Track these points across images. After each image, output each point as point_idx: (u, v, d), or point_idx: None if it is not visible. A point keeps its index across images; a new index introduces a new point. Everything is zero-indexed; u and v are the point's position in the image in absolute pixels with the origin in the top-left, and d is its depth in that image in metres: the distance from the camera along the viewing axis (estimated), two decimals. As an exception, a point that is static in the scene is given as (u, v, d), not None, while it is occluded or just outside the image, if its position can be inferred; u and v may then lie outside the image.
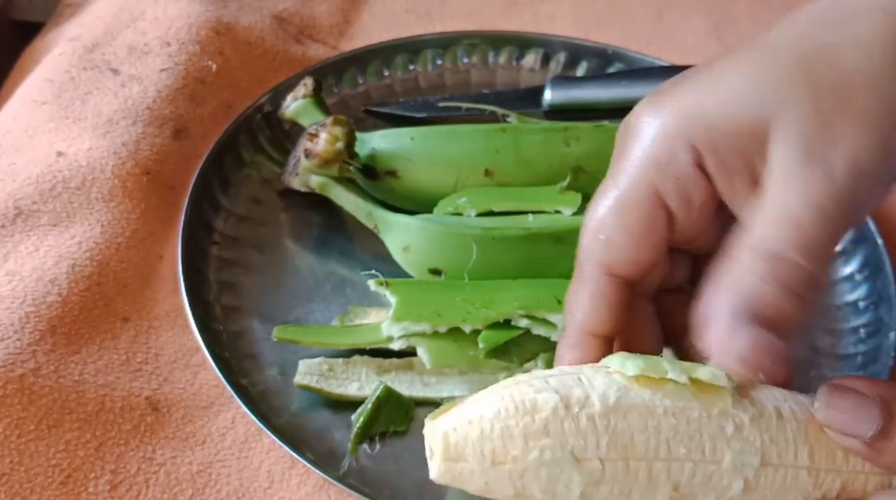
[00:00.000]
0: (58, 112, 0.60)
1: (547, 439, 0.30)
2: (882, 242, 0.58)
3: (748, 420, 0.32)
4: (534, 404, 0.30)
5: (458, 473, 0.31)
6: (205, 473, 0.47)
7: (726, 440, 0.31)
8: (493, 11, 0.79)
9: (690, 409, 0.32)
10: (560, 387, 0.31)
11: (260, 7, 0.73)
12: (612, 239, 0.36)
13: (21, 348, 0.48)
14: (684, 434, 0.31)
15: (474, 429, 0.30)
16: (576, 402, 0.31)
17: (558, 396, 0.31)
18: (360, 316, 0.54)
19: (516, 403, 0.30)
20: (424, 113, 0.67)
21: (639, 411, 0.31)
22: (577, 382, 0.32)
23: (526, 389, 0.31)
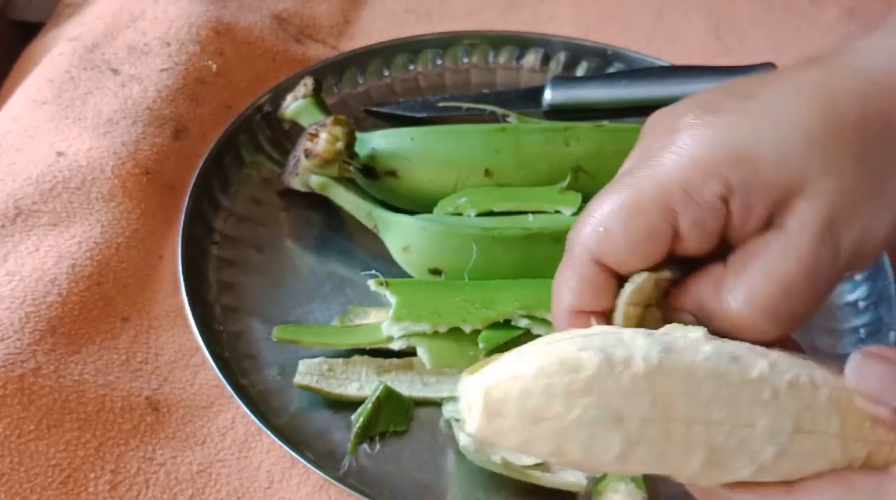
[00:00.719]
0: (58, 112, 0.60)
1: (590, 397, 0.30)
2: (882, 242, 0.58)
3: (785, 387, 0.32)
4: (577, 362, 0.30)
5: (497, 429, 0.30)
6: (205, 473, 0.47)
7: (763, 405, 0.32)
8: (493, 11, 0.79)
9: (730, 373, 0.31)
10: (603, 346, 0.31)
11: (260, 7, 0.73)
12: (611, 236, 0.35)
13: (21, 348, 0.48)
14: (723, 398, 0.31)
15: (516, 385, 0.30)
16: (619, 361, 0.30)
17: (602, 354, 0.30)
18: (360, 316, 0.54)
19: (560, 360, 0.30)
20: (424, 113, 0.67)
21: (681, 373, 0.31)
22: (620, 341, 0.31)
23: (568, 346, 0.31)
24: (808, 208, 0.34)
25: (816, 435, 0.32)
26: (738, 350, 0.33)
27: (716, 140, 0.34)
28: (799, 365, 0.33)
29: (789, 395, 0.32)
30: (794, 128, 0.34)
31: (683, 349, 0.32)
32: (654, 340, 0.32)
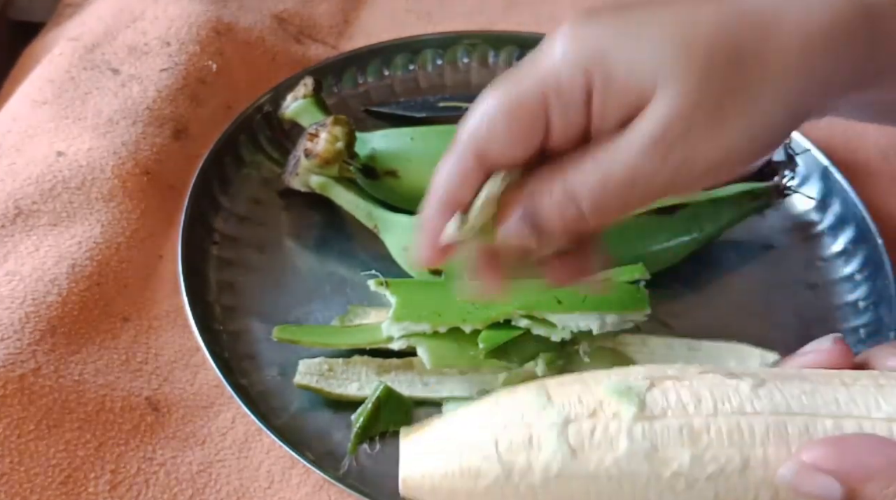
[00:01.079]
0: (58, 112, 0.60)
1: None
2: (882, 242, 0.58)
3: (704, 478, 0.32)
4: (478, 472, 0.33)
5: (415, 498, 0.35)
6: (205, 473, 0.47)
7: (674, 495, 0.32)
8: (493, 11, 0.79)
9: (639, 473, 0.32)
10: (506, 451, 0.33)
11: (260, 7, 0.73)
12: (495, 127, 0.38)
13: (21, 348, 0.48)
14: (627, 496, 0.32)
15: (426, 482, 0.34)
16: (517, 472, 0.33)
17: (500, 467, 0.33)
18: (360, 316, 0.54)
19: (462, 468, 0.33)
20: (424, 113, 0.67)
21: (580, 480, 0.32)
22: (526, 445, 0.33)
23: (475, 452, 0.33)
24: (645, 120, 0.36)
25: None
26: (664, 438, 0.32)
27: (585, 41, 0.37)
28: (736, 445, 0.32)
29: (707, 485, 0.32)
30: (650, 40, 0.36)
31: (593, 449, 0.32)
32: (561, 442, 0.32)
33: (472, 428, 0.34)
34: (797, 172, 0.62)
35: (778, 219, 0.62)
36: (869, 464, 0.31)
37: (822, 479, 0.32)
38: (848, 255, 0.60)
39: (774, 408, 0.33)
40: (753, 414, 0.33)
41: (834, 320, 0.57)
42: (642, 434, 0.32)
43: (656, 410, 0.32)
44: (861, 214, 0.60)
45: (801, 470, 0.32)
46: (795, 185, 0.62)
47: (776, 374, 0.35)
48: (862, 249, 0.59)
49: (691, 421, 0.32)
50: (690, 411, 0.33)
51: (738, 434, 0.32)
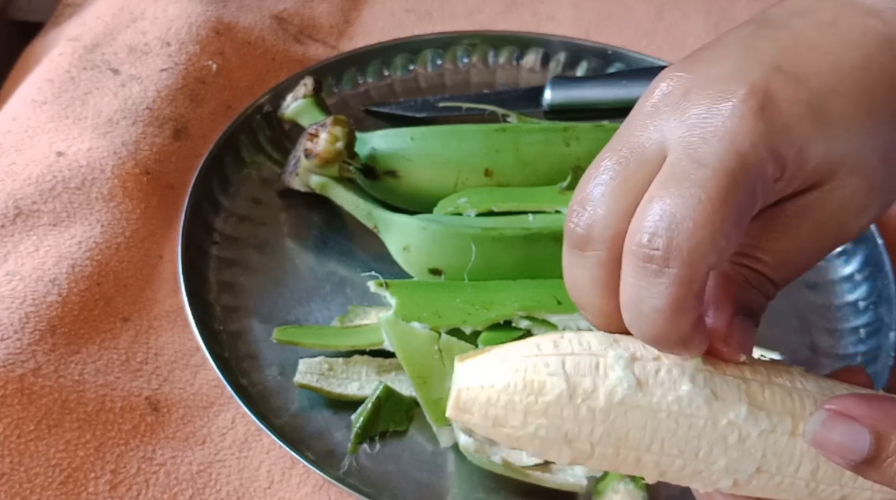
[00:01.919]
0: (58, 112, 0.60)
1: (544, 419, 0.32)
2: (882, 242, 0.58)
3: (755, 434, 0.33)
4: (541, 387, 0.32)
5: (465, 420, 0.34)
6: (205, 473, 0.47)
7: (725, 448, 0.33)
8: (493, 11, 0.79)
9: (698, 416, 0.32)
10: (573, 373, 0.32)
11: (260, 7, 0.73)
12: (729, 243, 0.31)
13: (21, 348, 0.48)
14: (683, 438, 0.32)
15: (483, 394, 0.33)
16: (581, 392, 0.32)
17: (566, 384, 0.32)
18: (359, 316, 0.54)
19: (526, 381, 0.32)
20: (424, 113, 0.67)
21: (642, 411, 0.32)
22: (593, 370, 0.33)
23: (541, 367, 0.33)
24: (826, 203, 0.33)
25: (782, 477, 0.33)
26: (723, 391, 0.33)
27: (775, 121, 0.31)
28: (787, 412, 0.33)
29: (759, 441, 0.33)
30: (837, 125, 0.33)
31: (657, 385, 0.33)
32: (628, 373, 0.33)
33: (539, 350, 0.33)
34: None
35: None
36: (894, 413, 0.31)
37: (851, 426, 0.31)
38: (848, 255, 0.60)
39: (821, 391, 0.34)
40: (803, 391, 0.34)
41: (834, 320, 0.57)
42: (704, 381, 0.33)
43: (716, 369, 0.33)
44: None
45: (828, 419, 0.32)
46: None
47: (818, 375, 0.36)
48: (862, 249, 0.59)
49: (748, 383, 0.33)
50: (748, 376, 0.34)
51: (790, 401, 0.33)
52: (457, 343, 0.49)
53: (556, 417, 0.32)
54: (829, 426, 0.32)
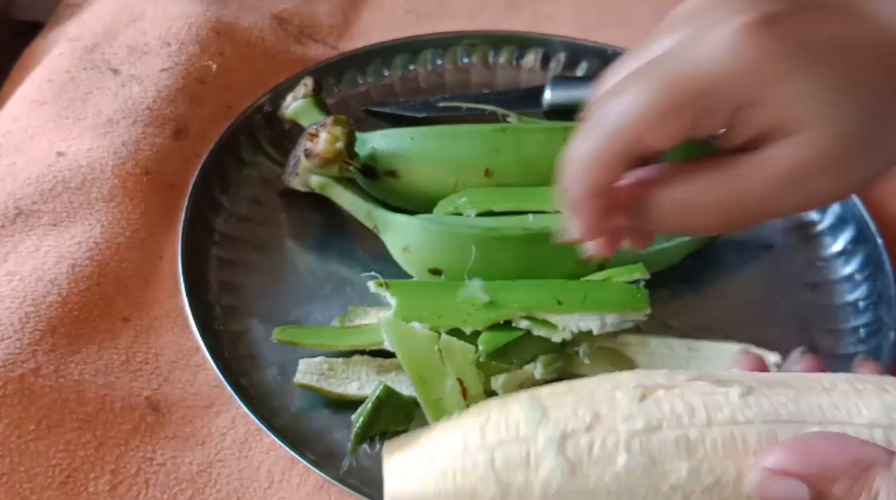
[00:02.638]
0: (58, 112, 0.60)
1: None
2: (882, 242, 0.58)
3: (700, 491, 0.32)
4: (473, 492, 0.32)
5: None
6: (205, 473, 0.47)
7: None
8: (493, 11, 0.79)
9: (637, 488, 0.32)
10: (503, 470, 0.32)
11: (260, 7, 0.73)
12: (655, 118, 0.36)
13: (21, 348, 0.48)
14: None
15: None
16: (515, 491, 0.32)
17: (497, 487, 0.32)
18: (360, 316, 0.54)
19: (457, 488, 0.32)
20: (424, 113, 0.67)
21: (580, 496, 0.32)
22: (524, 462, 0.32)
23: (469, 469, 0.32)
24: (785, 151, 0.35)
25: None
26: (661, 451, 0.32)
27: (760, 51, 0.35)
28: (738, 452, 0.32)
29: (703, 496, 0.32)
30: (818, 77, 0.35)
31: (592, 464, 0.32)
32: (560, 459, 0.32)
33: (465, 445, 0.33)
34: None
35: (778, 219, 0.62)
36: (834, 464, 0.31)
37: (788, 483, 0.31)
38: (848, 255, 0.60)
39: (764, 416, 0.33)
40: (745, 423, 0.33)
41: (834, 320, 0.57)
42: (640, 448, 0.32)
43: (651, 422, 0.32)
44: (861, 214, 0.60)
45: (765, 478, 0.32)
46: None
47: (761, 380, 0.34)
48: (862, 249, 0.59)
49: (687, 433, 0.32)
50: (685, 422, 0.32)
51: (731, 445, 0.32)
52: (457, 343, 0.49)
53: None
54: (768, 485, 0.32)
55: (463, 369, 0.48)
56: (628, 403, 0.33)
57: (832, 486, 0.31)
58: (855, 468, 0.31)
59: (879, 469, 0.31)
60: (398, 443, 0.34)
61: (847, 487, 0.31)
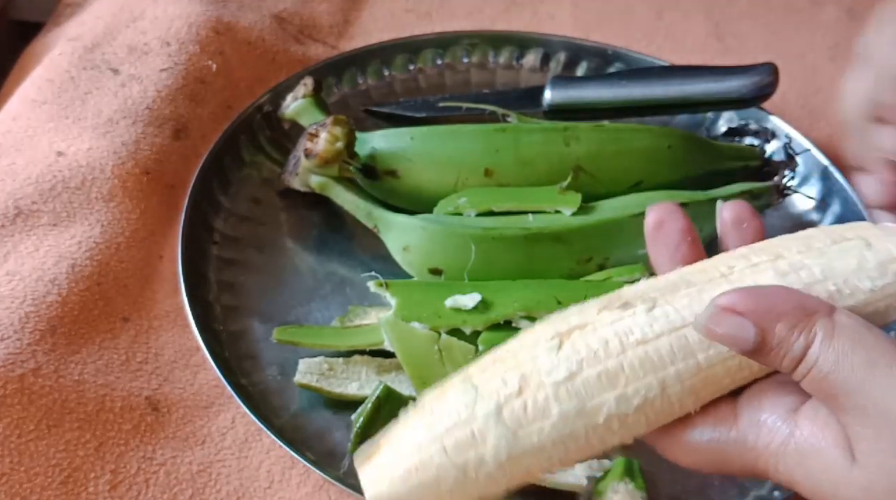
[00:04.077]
0: (58, 112, 0.60)
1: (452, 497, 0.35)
2: (882, 242, 0.58)
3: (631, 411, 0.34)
4: (438, 480, 0.34)
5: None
6: (205, 473, 0.48)
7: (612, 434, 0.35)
8: (493, 11, 0.79)
9: (577, 432, 0.34)
10: (455, 453, 0.34)
11: (260, 7, 0.73)
12: None
13: (21, 348, 0.48)
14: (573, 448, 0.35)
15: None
16: (472, 467, 0.34)
17: (455, 470, 0.34)
18: (359, 316, 0.54)
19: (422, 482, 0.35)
20: (424, 113, 0.67)
21: (530, 454, 0.34)
22: (471, 440, 0.34)
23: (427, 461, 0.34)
24: None
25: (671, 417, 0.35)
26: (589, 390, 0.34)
27: None
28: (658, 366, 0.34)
29: (638, 414, 0.35)
30: None
31: (532, 422, 0.34)
32: (501, 426, 0.34)
33: (418, 442, 0.35)
34: (797, 172, 0.62)
35: (778, 219, 0.62)
36: (780, 307, 0.33)
37: (736, 320, 0.33)
38: (848, 255, 0.59)
39: (672, 326, 0.35)
40: (655, 339, 0.35)
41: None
42: (567, 394, 0.34)
43: (572, 367, 0.34)
44: (861, 214, 0.60)
45: (715, 313, 0.33)
46: (795, 185, 0.62)
47: (662, 286, 0.37)
48: (862, 249, 0.59)
49: (606, 365, 0.34)
50: (602, 356, 0.35)
51: (649, 362, 0.35)
52: (457, 343, 0.49)
53: (462, 493, 0.35)
54: (717, 320, 0.34)
55: None
56: (548, 357, 0.35)
57: (776, 326, 0.33)
58: (799, 311, 0.33)
59: (820, 316, 0.33)
60: (365, 451, 0.37)
61: (789, 327, 0.33)
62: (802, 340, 0.32)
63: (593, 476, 0.47)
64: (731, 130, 0.67)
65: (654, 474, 0.49)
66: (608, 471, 0.48)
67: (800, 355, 0.33)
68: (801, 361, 0.33)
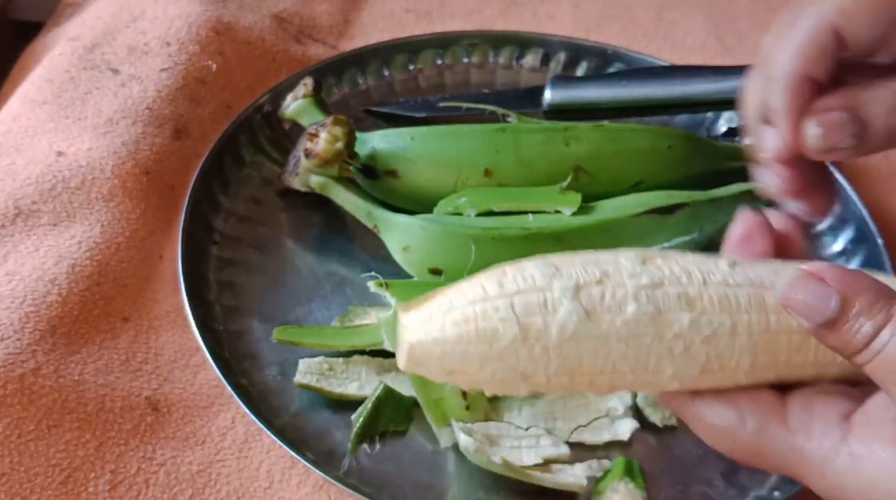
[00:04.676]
0: (58, 112, 0.60)
1: (500, 364, 0.33)
2: (882, 242, 0.58)
3: (699, 341, 0.34)
4: (494, 334, 0.33)
5: (420, 371, 0.34)
6: (205, 473, 0.48)
7: (672, 359, 0.34)
8: (493, 11, 0.79)
9: (645, 335, 0.34)
10: (523, 314, 0.33)
11: (260, 7, 0.73)
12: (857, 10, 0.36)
13: (21, 348, 0.48)
14: (632, 358, 0.34)
15: (437, 348, 0.33)
16: (534, 333, 0.33)
17: (518, 328, 0.33)
18: (360, 316, 0.54)
19: (479, 331, 0.33)
20: (424, 113, 0.67)
21: (593, 340, 0.33)
22: (542, 307, 0.33)
23: (491, 313, 0.33)
24: None
25: (724, 373, 0.35)
26: (667, 303, 0.34)
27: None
28: (729, 310, 0.34)
29: (703, 346, 0.34)
30: None
31: (604, 312, 0.34)
32: (576, 305, 0.33)
33: (485, 293, 0.34)
34: (797, 172, 0.62)
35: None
36: (863, 284, 0.33)
37: (820, 287, 0.33)
38: (848, 255, 0.60)
39: (751, 282, 0.35)
40: (736, 286, 0.35)
41: (834, 320, 0.57)
42: (646, 299, 0.34)
43: (655, 280, 0.34)
44: (861, 214, 0.60)
45: (800, 278, 0.34)
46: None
47: (743, 260, 0.37)
48: (862, 249, 0.59)
49: (686, 290, 0.34)
50: (684, 281, 0.35)
51: (726, 302, 0.35)
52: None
53: (512, 360, 0.33)
54: (799, 285, 0.34)
55: None
56: (632, 265, 0.35)
57: (857, 298, 0.33)
58: (880, 292, 0.33)
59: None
60: (411, 302, 0.35)
61: (870, 302, 0.33)
62: (881, 317, 0.32)
63: (593, 476, 0.47)
64: (731, 130, 0.67)
65: (654, 474, 0.49)
66: (608, 471, 0.48)
67: (872, 334, 0.32)
68: (871, 340, 0.32)
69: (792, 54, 0.37)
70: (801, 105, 0.38)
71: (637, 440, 0.50)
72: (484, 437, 0.47)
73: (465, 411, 0.48)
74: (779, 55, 0.38)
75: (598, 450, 0.50)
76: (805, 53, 0.37)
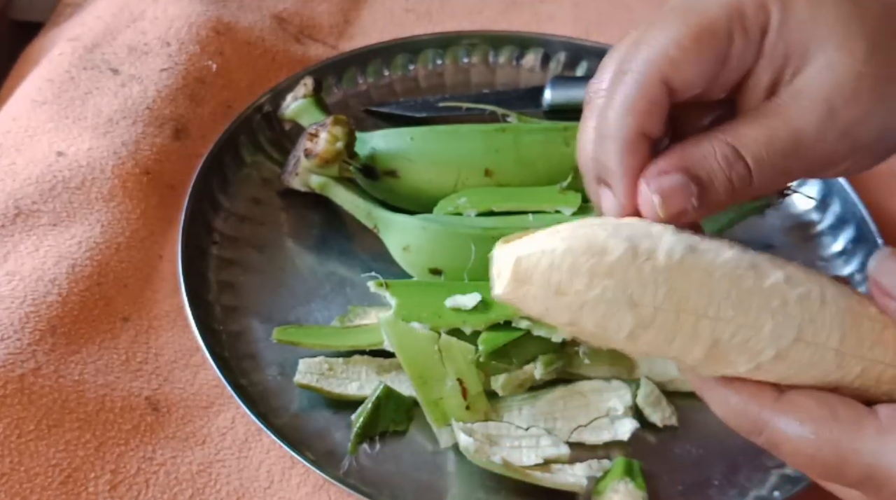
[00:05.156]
0: (58, 112, 0.60)
1: (610, 280, 0.33)
2: (882, 242, 0.58)
3: (794, 299, 0.34)
4: (604, 247, 0.33)
5: (522, 294, 0.33)
6: (205, 473, 0.48)
7: (771, 312, 0.34)
8: (493, 11, 0.79)
9: (746, 278, 0.34)
10: (631, 236, 0.33)
11: (260, 7, 0.73)
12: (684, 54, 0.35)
13: (21, 348, 0.48)
14: (735, 299, 0.33)
15: (545, 259, 0.33)
16: (643, 252, 0.33)
17: (628, 243, 0.33)
18: (359, 316, 0.54)
19: (588, 243, 0.33)
20: (424, 113, 0.67)
21: (700, 271, 0.33)
22: (648, 234, 0.33)
23: (599, 231, 0.33)
24: (812, 78, 0.35)
25: (816, 347, 0.34)
26: (757, 260, 0.34)
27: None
28: (813, 282, 0.35)
29: (797, 306, 0.34)
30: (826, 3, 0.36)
31: (707, 250, 0.34)
32: (680, 238, 0.33)
33: (591, 221, 0.34)
34: (797, 172, 0.62)
35: (778, 219, 0.62)
36: None
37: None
38: (848, 255, 0.60)
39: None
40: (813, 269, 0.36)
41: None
42: (742, 251, 0.34)
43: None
44: (861, 214, 0.60)
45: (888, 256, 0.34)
46: (795, 185, 0.62)
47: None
48: (862, 249, 0.59)
49: (772, 259, 0.35)
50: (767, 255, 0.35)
51: (812, 273, 0.35)
52: (457, 343, 0.49)
53: (622, 277, 0.32)
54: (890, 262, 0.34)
55: (463, 369, 0.48)
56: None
57: None
58: None
59: None
60: (512, 236, 0.35)
61: None
62: None
63: (593, 476, 0.47)
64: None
65: (654, 474, 0.49)
66: (608, 471, 0.48)
67: None
68: None
69: (623, 112, 0.36)
70: (638, 164, 0.36)
71: (637, 440, 0.50)
72: (484, 437, 0.47)
73: (465, 411, 0.48)
74: (609, 113, 0.36)
75: (598, 450, 0.50)
76: (637, 109, 0.35)
